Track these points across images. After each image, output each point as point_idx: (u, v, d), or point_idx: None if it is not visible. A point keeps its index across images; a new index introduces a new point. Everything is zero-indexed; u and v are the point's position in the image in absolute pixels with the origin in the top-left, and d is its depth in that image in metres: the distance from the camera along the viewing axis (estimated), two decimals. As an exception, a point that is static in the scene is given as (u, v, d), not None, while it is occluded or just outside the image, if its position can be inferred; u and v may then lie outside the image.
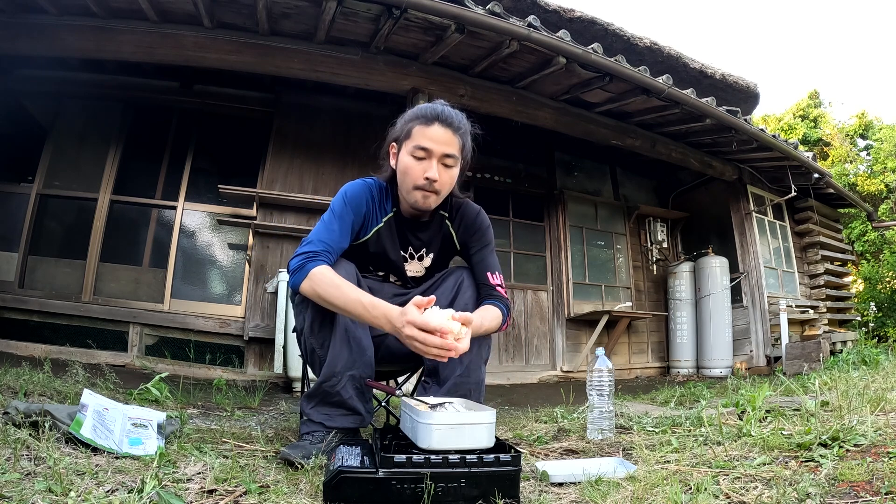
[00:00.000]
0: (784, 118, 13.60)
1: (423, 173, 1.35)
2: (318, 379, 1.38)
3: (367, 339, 1.39)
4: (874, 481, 0.96)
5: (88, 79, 4.25)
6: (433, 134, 1.35)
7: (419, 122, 1.37)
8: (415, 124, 1.37)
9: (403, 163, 1.39)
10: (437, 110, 1.38)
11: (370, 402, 1.45)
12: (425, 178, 1.35)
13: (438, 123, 1.36)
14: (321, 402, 1.38)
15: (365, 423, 1.42)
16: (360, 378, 1.37)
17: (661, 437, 1.55)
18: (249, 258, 4.10)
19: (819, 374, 3.03)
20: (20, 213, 4.05)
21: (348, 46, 3.60)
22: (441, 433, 1.05)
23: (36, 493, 0.90)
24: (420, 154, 1.35)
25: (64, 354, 3.55)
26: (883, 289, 9.37)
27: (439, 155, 1.36)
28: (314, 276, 1.28)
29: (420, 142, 1.35)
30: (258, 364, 3.98)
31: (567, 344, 5.25)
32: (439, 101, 1.47)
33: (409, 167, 1.37)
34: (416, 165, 1.36)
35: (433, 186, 1.36)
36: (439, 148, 1.35)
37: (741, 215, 5.67)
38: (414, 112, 1.40)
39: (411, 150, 1.36)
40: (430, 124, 1.36)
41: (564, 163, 5.88)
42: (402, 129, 1.40)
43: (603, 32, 4.83)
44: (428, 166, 1.35)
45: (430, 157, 1.36)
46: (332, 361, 1.34)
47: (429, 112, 1.37)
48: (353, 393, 1.37)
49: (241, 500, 1.00)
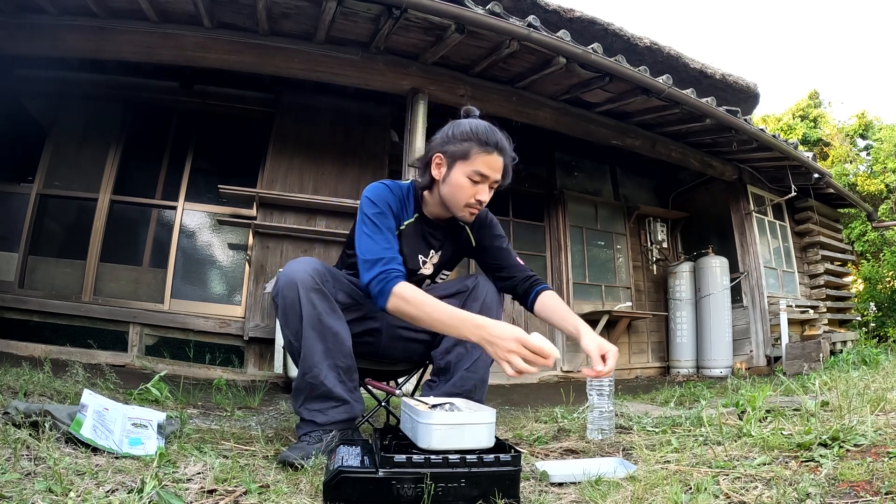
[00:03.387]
0: (784, 118, 13.60)
1: (476, 195, 1.43)
2: (299, 372, 1.40)
3: (342, 329, 1.41)
4: (874, 481, 0.96)
5: (88, 79, 4.26)
6: (492, 162, 1.42)
7: (481, 149, 1.41)
8: (474, 148, 1.41)
9: (456, 181, 1.43)
10: (496, 138, 1.43)
11: (357, 390, 1.46)
12: (476, 200, 1.44)
13: (497, 153, 1.43)
14: (308, 396, 1.39)
15: (356, 412, 1.43)
16: (340, 367, 1.39)
17: (661, 437, 1.55)
18: (249, 258, 4.10)
19: (819, 374, 3.03)
20: (20, 213, 4.05)
21: (348, 46, 3.60)
22: (441, 433, 1.05)
23: (36, 493, 0.90)
24: (477, 178, 1.42)
25: (64, 354, 3.55)
26: (883, 289, 9.37)
27: (492, 181, 1.45)
28: (399, 294, 1.31)
29: (480, 168, 1.41)
30: (258, 364, 3.98)
31: (567, 344, 5.24)
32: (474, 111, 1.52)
33: (463, 188, 1.43)
34: (470, 187, 1.43)
35: (481, 206, 1.46)
36: (494, 175, 1.44)
37: (741, 215, 5.67)
38: (473, 132, 1.43)
39: (468, 173, 1.42)
40: (490, 153, 1.42)
41: (564, 163, 5.88)
42: (457, 147, 1.43)
43: (603, 32, 4.83)
44: (482, 190, 1.44)
45: (485, 182, 1.44)
46: (309, 353, 1.36)
47: (490, 139, 1.42)
48: (335, 382, 1.38)
49: (241, 500, 1.00)
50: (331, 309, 1.39)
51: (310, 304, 1.36)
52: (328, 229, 4.17)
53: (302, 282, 1.36)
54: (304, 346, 1.37)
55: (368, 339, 1.55)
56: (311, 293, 1.37)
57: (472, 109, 1.53)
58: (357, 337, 1.49)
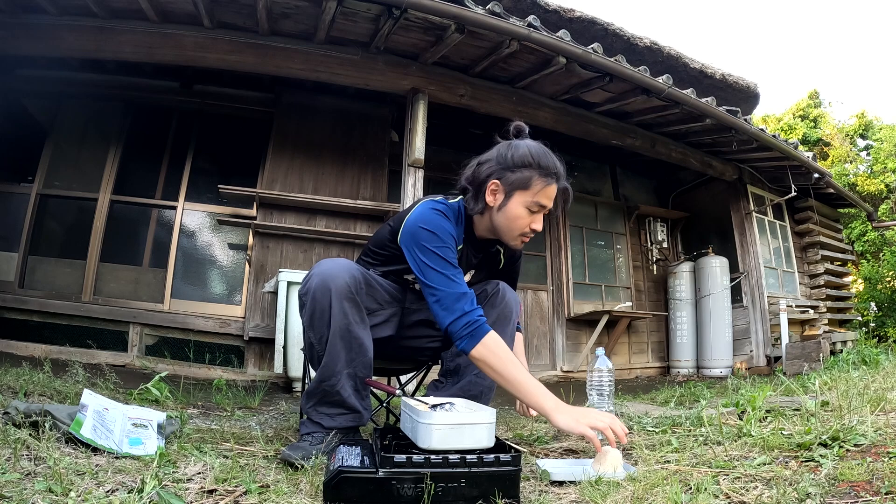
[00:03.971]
0: (784, 118, 13.60)
1: (531, 224, 1.39)
2: (317, 377, 1.38)
3: (367, 340, 1.39)
4: (874, 481, 0.96)
5: (88, 79, 4.26)
6: (552, 192, 1.38)
7: (542, 180, 1.35)
8: (535, 177, 1.35)
9: (514, 211, 1.37)
10: (556, 167, 1.38)
11: (367, 399, 1.45)
12: (531, 229, 1.39)
13: (556, 183, 1.37)
14: (320, 401, 1.39)
15: (363, 422, 1.42)
16: (359, 378, 1.38)
17: (661, 437, 1.55)
18: (249, 258, 4.10)
19: (819, 374, 3.03)
20: (20, 213, 4.05)
21: (348, 46, 3.60)
22: (441, 433, 1.05)
23: (36, 493, 0.90)
24: (535, 209, 1.37)
25: (64, 354, 3.55)
26: (883, 289, 9.37)
27: (548, 209, 1.40)
28: (487, 345, 1.26)
29: (541, 200, 1.36)
30: (258, 364, 3.98)
31: (567, 344, 5.25)
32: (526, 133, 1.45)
33: (521, 218, 1.38)
34: (528, 217, 1.38)
35: (533, 235, 1.42)
36: (551, 204, 1.39)
37: (741, 215, 5.66)
38: (534, 159, 1.36)
39: (528, 204, 1.36)
40: (551, 183, 1.36)
41: (564, 163, 5.85)
42: (517, 176, 1.36)
43: (603, 32, 4.83)
44: (537, 219, 1.39)
45: (542, 212, 1.39)
46: (331, 360, 1.34)
47: (551, 168, 1.36)
48: (351, 392, 1.37)
49: (241, 500, 1.00)
50: (360, 318, 1.36)
51: (341, 314, 1.32)
52: (328, 229, 4.17)
53: (337, 289, 1.31)
54: (328, 353, 1.34)
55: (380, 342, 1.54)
56: (345, 302, 1.32)
57: (522, 127, 1.45)
58: None
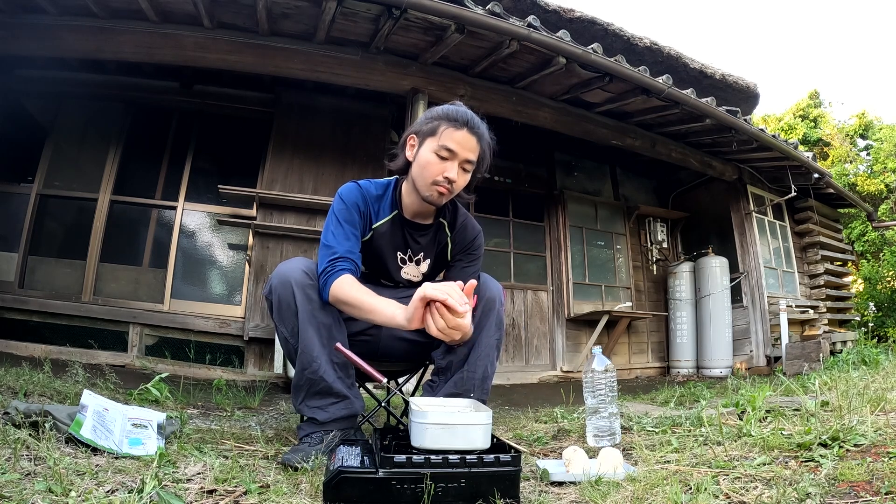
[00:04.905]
0: (784, 118, 13.60)
1: (443, 172, 1.41)
2: (297, 368, 1.40)
3: (336, 321, 1.42)
4: (874, 481, 0.96)
5: (88, 79, 4.25)
6: (461, 138, 1.40)
7: (449, 125, 1.41)
8: (443, 125, 1.41)
9: (424, 158, 1.43)
10: (467, 116, 1.43)
11: (355, 387, 1.46)
12: (444, 177, 1.41)
13: (467, 129, 1.41)
14: (308, 392, 1.40)
15: (356, 409, 1.43)
16: (336, 363, 1.39)
17: (661, 437, 1.55)
18: (249, 258, 4.10)
19: (819, 374, 3.03)
20: (20, 213, 4.05)
21: (348, 46, 3.60)
22: (434, 433, 1.05)
23: (36, 493, 0.90)
24: (444, 154, 1.41)
25: (64, 354, 3.55)
26: (883, 289, 9.36)
27: (462, 159, 1.42)
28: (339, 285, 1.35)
29: (447, 143, 1.40)
30: (258, 364, 3.98)
31: (567, 344, 5.25)
32: (457, 102, 1.51)
33: (430, 163, 1.42)
34: (438, 164, 1.41)
35: (450, 186, 1.43)
36: (463, 152, 1.41)
37: (741, 215, 5.66)
38: (444, 112, 1.44)
39: (436, 149, 1.41)
40: (459, 129, 1.40)
41: (564, 163, 5.87)
42: (427, 126, 1.44)
43: (603, 32, 4.83)
44: (450, 167, 1.41)
45: (453, 159, 1.41)
46: (306, 346, 1.37)
47: (460, 116, 1.42)
48: (335, 378, 1.39)
49: (241, 500, 1.00)
50: (324, 303, 1.40)
51: (305, 300, 1.38)
52: (328, 229, 4.16)
53: (296, 280, 1.38)
54: (302, 340, 1.37)
55: (367, 338, 1.54)
56: (306, 289, 1.38)
57: (455, 101, 1.53)
58: (355, 336, 1.49)
